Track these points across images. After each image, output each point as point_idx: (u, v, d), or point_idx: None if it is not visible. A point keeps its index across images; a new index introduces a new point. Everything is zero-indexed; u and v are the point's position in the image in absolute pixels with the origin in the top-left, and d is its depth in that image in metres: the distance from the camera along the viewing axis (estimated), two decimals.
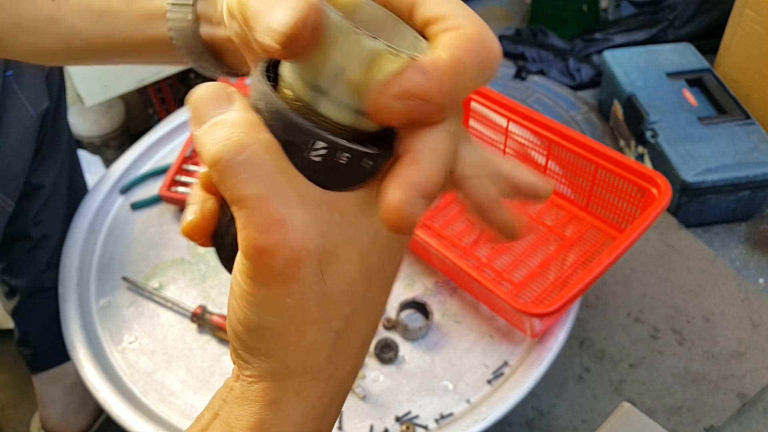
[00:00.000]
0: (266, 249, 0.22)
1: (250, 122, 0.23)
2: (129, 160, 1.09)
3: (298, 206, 0.23)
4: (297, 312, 0.24)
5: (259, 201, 0.22)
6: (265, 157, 0.22)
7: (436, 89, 0.22)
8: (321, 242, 0.23)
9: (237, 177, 0.22)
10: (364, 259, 0.25)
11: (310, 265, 0.23)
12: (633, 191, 0.89)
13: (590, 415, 1.11)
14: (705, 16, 1.77)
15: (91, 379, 0.82)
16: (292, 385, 0.25)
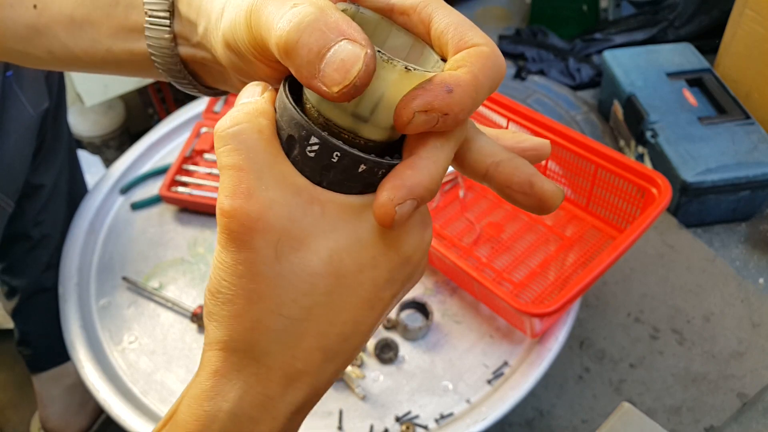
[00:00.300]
0: (226, 211, 0.24)
1: (258, 109, 0.25)
2: (129, 160, 1.09)
3: (273, 185, 0.24)
4: (247, 282, 0.24)
5: (236, 170, 0.24)
6: (254, 136, 0.25)
7: (457, 105, 0.23)
8: (285, 224, 0.24)
9: (225, 146, 0.25)
10: (334, 258, 0.25)
11: (266, 239, 0.24)
12: (633, 191, 0.89)
13: (590, 415, 1.11)
14: (705, 16, 1.77)
15: (91, 379, 0.82)
16: (233, 358, 0.25)
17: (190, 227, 1.01)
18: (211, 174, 1.03)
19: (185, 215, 1.03)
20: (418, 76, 0.24)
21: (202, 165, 1.05)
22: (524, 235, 0.97)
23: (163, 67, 0.34)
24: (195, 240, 0.99)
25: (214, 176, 1.03)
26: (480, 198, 1.02)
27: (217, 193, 0.94)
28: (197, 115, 1.15)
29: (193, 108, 1.17)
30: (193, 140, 1.07)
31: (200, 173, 1.04)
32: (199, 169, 1.04)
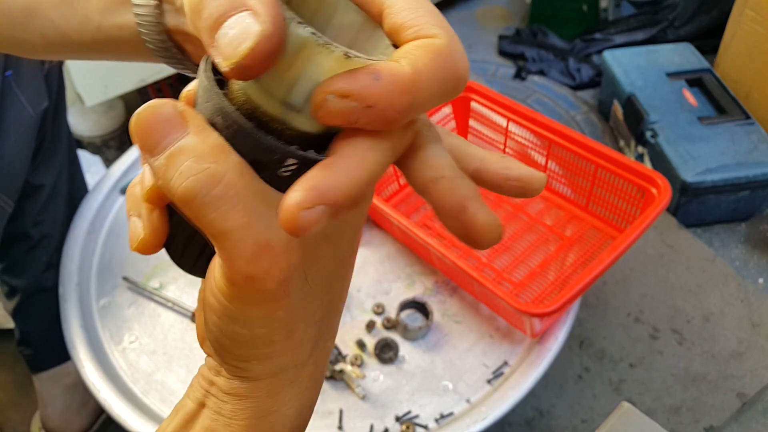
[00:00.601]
0: (257, 276, 0.21)
1: (215, 147, 0.21)
2: (129, 160, 1.09)
3: (275, 223, 0.21)
4: (286, 319, 0.24)
5: (243, 231, 0.21)
6: (240, 184, 0.21)
7: (384, 97, 0.20)
8: (301, 251, 0.23)
9: (216, 211, 0.20)
10: (336, 250, 0.25)
11: (297, 277, 0.23)
12: (633, 191, 0.89)
13: (590, 414, 1.11)
14: (705, 16, 1.77)
15: (91, 379, 0.82)
16: (285, 376, 0.26)
17: None
18: None
19: None
20: (359, 63, 0.20)
21: None
22: (524, 235, 0.97)
23: (149, 38, 0.33)
24: None
25: None
26: None
27: None
28: None
29: None
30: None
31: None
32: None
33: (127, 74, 1.35)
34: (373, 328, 0.87)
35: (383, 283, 0.93)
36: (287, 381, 0.26)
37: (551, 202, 1.01)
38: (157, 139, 0.21)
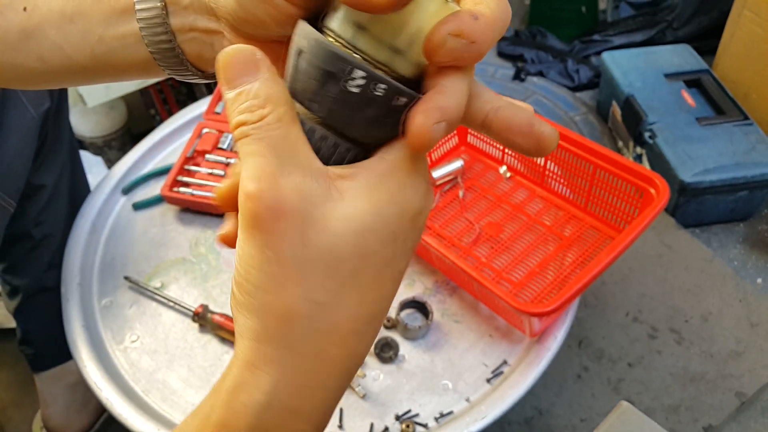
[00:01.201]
0: (252, 194, 0.24)
1: (271, 95, 0.25)
2: (131, 161, 1.10)
3: (294, 170, 0.25)
4: (276, 268, 0.24)
5: (259, 157, 0.24)
6: (275, 125, 0.25)
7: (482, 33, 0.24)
8: (308, 207, 0.24)
9: (247, 138, 0.25)
10: (359, 239, 0.25)
11: (292, 223, 0.24)
12: (631, 192, 0.90)
13: (589, 414, 1.12)
14: (703, 17, 1.78)
15: (93, 378, 0.82)
16: (266, 350, 0.25)
17: (192, 227, 1.02)
18: (212, 174, 1.04)
19: (187, 215, 1.03)
20: (453, 8, 0.24)
21: (204, 165, 1.06)
22: (523, 234, 0.97)
23: (153, 46, 0.34)
24: (196, 240, 1.00)
25: (216, 176, 1.04)
26: (479, 198, 1.03)
27: None
28: (199, 116, 1.16)
29: (194, 109, 1.18)
30: (195, 141, 1.08)
31: (202, 173, 1.04)
32: (201, 170, 1.05)
33: None
34: None
35: None
36: (267, 356, 0.25)
37: (550, 203, 1.01)
38: (233, 76, 0.26)
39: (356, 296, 0.26)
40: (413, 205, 0.26)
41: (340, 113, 0.26)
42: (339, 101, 0.26)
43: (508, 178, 1.06)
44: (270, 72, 0.26)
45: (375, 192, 0.26)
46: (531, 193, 1.03)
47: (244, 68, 0.26)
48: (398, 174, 0.26)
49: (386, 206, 0.26)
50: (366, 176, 0.26)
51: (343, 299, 0.25)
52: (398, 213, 0.26)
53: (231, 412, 0.25)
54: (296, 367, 0.25)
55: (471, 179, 1.06)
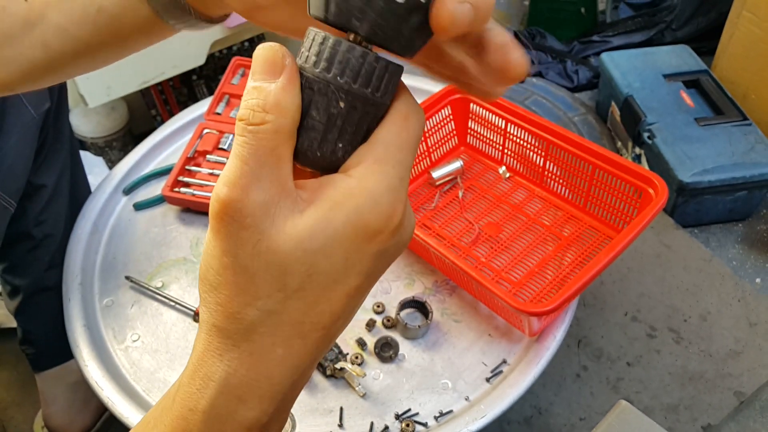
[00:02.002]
0: (222, 199, 0.26)
1: (279, 103, 0.26)
2: (132, 161, 1.10)
3: (268, 186, 0.26)
4: (231, 273, 0.26)
5: (242, 162, 0.26)
6: (269, 136, 0.26)
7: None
8: (268, 222, 0.26)
9: (240, 138, 0.26)
10: (306, 257, 0.26)
11: (251, 234, 0.26)
12: (630, 192, 0.90)
13: (588, 413, 1.12)
14: (702, 18, 1.78)
15: (94, 378, 0.82)
16: (216, 341, 0.28)
17: (193, 227, 1.02)
18: (213, 174, 1.04)
19: (188, 215, 1.04)
20: None
21: (205, 166, 1.06)
22: (522, 234, 0.98)
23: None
24: (197, 240, 1.00)
25: (217, 177, 1.04)
26: (479, 198, 1.03)
27: None
28: (200, 116, 1.16)
29: (195, 109, 1.18)
30: (196, 141, 1.08)
31: (203, 174, 1.05)
32: (202, 170, 1.05)
33: (129, 76, 1.36)
34: (373, 327, 0.88)
35: (383, 283, 0.93)
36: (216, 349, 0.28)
37: (549, 203, 1.02)
38: (257, 70, 0.27)
39: (301, 307, 0.27)
40: (371, 227, 0.27)
41: (384, 26, 0.26)
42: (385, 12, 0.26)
43: (507, 178, 1.06)
44: (289, 80, 0.27)
45: (331, 212, 0.26)
46: (530, 193, 1.04)
47: (269, 67, 0.27)
48: (360, 194, 0.26)
49: (340, 227, 0.26)
50: (327, 195, 0.27)
51: (287, 309, 0.27)
52: (352, 234, 0.26)
53: (189, 394, 0.28)
54: (241, 361, 0.27)
55: (470, 179, 1.06)
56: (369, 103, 0.27)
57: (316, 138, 0.28)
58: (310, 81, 0.27)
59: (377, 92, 0.27)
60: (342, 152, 0.28)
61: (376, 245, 0.27)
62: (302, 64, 0.28)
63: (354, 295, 0.28)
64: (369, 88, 0.27)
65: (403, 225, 0.28)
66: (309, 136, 0.28)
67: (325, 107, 0.27)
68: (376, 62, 0.27)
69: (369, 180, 0.27)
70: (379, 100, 0.28)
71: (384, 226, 0.27)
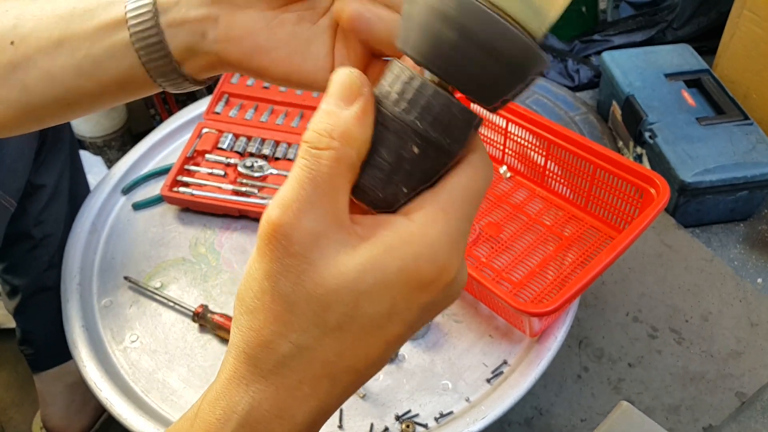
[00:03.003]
0: (273, 221, 0.25)
1: (347, 132, 0.25)
2: (131, 161, 1.10)
3: (321, 215, 0.25)
4: (269, 300, 0.25)
5: (298, 186, 0.25)
6: (330, 163, 0.25)
7: None
8: (316, 253, 0.25)
9: (300, 161, 0.25)
10: (351, 297, 0.25)
11: (296, 263, 0.25)
12: (631, 191, 0.90)
13: (589, 413, 1.12)
14: (703, 17, 1.78)
15: (93, 378, 0.82)
16: (243, 370, 0.27)
17: (192, 227, 1.02)
18: (212, 174, 1.04)
19: (187, 215, 1.03)
20: None
21: (204, 165, 1.06)
22: (523, 234, 0.97)
23: (143, 49, 0.34)
24: (196, 240, 1.00)
25: (216, 176, 1.04)
26: None
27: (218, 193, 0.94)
28: (199, 116, 1.16)
29: (194, 109, 1.18)
30: (195, 140, 1.08)
31: (202, 173, 1.04)
32: (201, 170, 1.05)
33: None
34: None
35: None
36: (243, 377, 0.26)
37: (550, 202, 1.01)
38: (332, 92, 0.26)
39: (336, 347, 0.26)
40: (424, 278, 0.25)
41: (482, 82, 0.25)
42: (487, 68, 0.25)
43: (508, 178, 1.06)
44: (363, 111, 0.26)
45: (386, 255, 0.25)
46: (531, 192, 1.03)
47: (345, 92, 0.26)
48: (419, 242, 0.25)
49: (392, 273, 0.25)
50: (384, 237, 0.25)
51: (321, 347, 0.26)
52: (403, 282, 0.25)
53: (209, 424, 0.27)
54: (267, 395, 0.26)
55: None
56: (443, 152, 0.26)
57: (381, 178, 0.26)
58: (386, 118, 0.26)
59: (454, 142, 0.26)
60: (404, 197, 0.27)
61: (425, 297, 0.26)
62: (381, 98, 0.26)
63: (393, 343, 0.27)
64: (447, 137, 0.26)
65: (456, 280, 0.27)
66: (373, 174, 0.26)
67: (396, 148, 0.26)
68: (459, 112, 0.26)
69: (430, 228, 0.25)
70: (454, 150, 0.27)
71: (438, 279, 0.26)
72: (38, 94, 0.37)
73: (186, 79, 0.37)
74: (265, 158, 1.06)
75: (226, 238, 1.00)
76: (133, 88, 0.37)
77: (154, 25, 0.34)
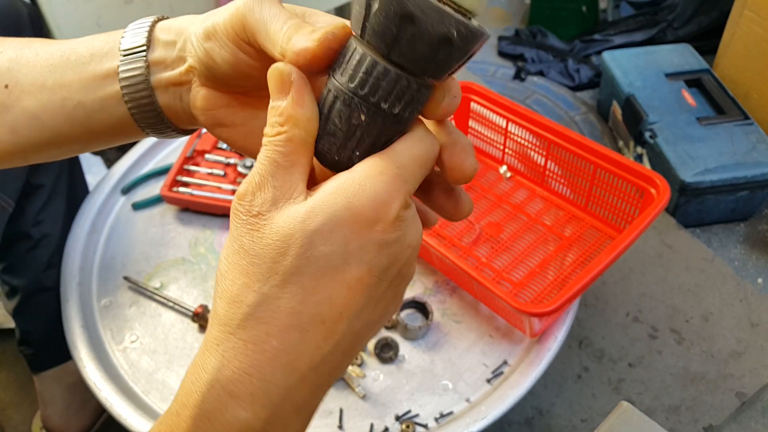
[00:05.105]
0: (239, 194, 0.28)
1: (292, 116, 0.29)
2: (130, 161, 1.10)
3: (278, 183, 0.28)
4: (236, 258, 0.28)
5: (257, 165, 0.29)
6: (282, 144, 0.29)
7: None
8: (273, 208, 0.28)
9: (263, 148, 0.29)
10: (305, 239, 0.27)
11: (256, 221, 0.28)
12: (632, 191, 0.90)
13: (589, 414, 1.12)
14: (704, 16, 1.78)
15: (92, 379, 0.82)
16: (215, 332, 0.28)
17: (191, 227, 1.02)
18: (211, 174, 1.04)
19: (186, 215, 1.03)
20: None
21: (203, 165, 1.06)
22: (523, 234, 0.97)
23: (134, 103, 0.36)
24: (196, 240, 1.00)
25: (215, 176, 1.03)
26: (480, 198, 1.03)
27: (218, 193, 0.94)
28: None
29: None
30: (194, 140, 1.08)
31: (201, 173, 1.04)
32: (200, 170, 1.04)
33: None
34: None
35: None
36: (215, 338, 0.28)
37: (550, 202, 1.01)
38: (273, 91, 0.29)
39: (299, 293, 0.27)
40: (366, 213, 0.27)
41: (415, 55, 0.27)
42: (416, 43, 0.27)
43: (508, 178, 1.06)
44: (297, 93, 0.29)
45: (330, 196, 0.27)
46: (531, 193, 1.03)
47: (279, 86, 0.29)
48: (357, 182, 0.28)
49: (337, 210, 0.27)
50: (329, 185, 0.28)
51: (284, 293, 0.27)
52: (349, 218, 0.27)
53: (184, 389, 0.28)
54: (236, 351, 0.27)
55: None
56: (389, 119, 0.29)
57: (335, 143, 0.30)
58: (337, 91, 0.29)
59: (399, 111, 0.29)
60: (358, 159, 0.30)
61: (375, 234, 0.27)
62: (332, 71, 0.29)
63: (356, 289, 0.27)
64: (391, 106, 0.28)
65: (404, 220, 0.28)
66: (329, 141, 0.30)
67: (347, 117, 0.29)
68: (404, 84, 0.28)
69: (368, 171, 0.28)
70: (401, 119, 0.29)
71: (381, 214, 0.27)
72: (26, 136, 0.38)
73: (173, 130, 0.39)
74: None
75: (225, 238, 1.00)
76: (122, 135, 0.39)
77: (146, 87, 0.36)
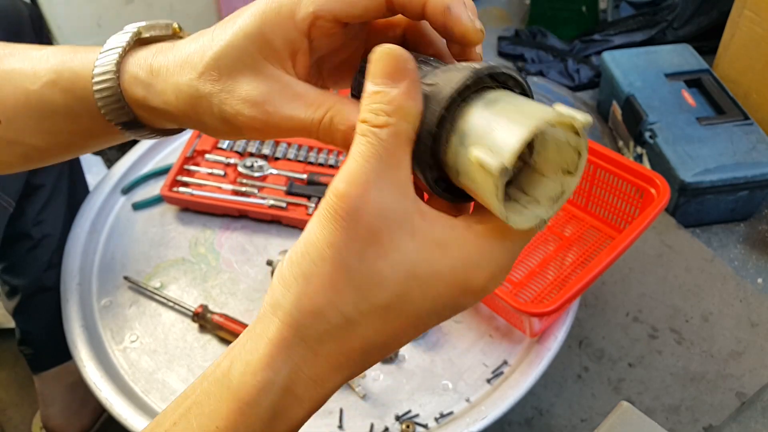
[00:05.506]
0: (340, 193, 0.26)
1: (401, 108, 0.26)
2: (130, 161, 1.10)
3: (387, 188, 0.26)
4: (328, 268, 0.26)
5: (363, 161, 0.26)
6: (390, 139, 0.26)
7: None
8: (382, 228, 0.26)
9: (361, 138, 0.26)
10: (406, 282, 0.26)
11: (361, 235, 0.26)
12: (632, 191, 0.90)
13: (589, 414, 1.12)
14: (704, 17, 1.78)
15: (92, 379, 0.82)
16: (289, 335, 0.27)
17: (192, 227, 1.02)
18: (212, 174, 1.04)
19: (186, 215, 1.03)
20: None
21: (204, 165, 1.06)
22: None
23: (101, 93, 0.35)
24: (196, 240, 1.00)
25: (215, 176, 1.04)
26: None
27: (218, 193, 0.94)
28: None
29: None
30: (195, 140, 1.08)
31: (201, 173, 1.04)
32: (201, 170, 1.04)
33: None
34: None
35: None
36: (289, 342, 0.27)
37: None
38: (378, 72, 0.27)
39: (378, 325, 0.27)
40: (470, 282, 0.27)
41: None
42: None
43: None
44: (411, 85, 0.27)
45: (443, 251, 0.26)
46: None
47: (391, 71, 0.27)
48: (473, 248, 0.27)
49: (445, 271, 0.26)
50: (444, 230, 0.27)
51: (366, 323, 0.27)
52: (451, 282, 0.27)
53: (248, 385, 0.27)
54: (310, 364, 0.27)
55: None
56: None
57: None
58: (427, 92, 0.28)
59: None
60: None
61: (463, 300, 0.27)
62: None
63: (421, 330, 0.28)
64: None
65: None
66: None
67: None
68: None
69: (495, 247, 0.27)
70: None
71: (482, 290, 0.27)
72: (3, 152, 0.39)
73: (154, 133, 0.38)
74: (265, 158, 1.06)
75: (225, 238, 1.00)
76: (104, 140, 0.39)
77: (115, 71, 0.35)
